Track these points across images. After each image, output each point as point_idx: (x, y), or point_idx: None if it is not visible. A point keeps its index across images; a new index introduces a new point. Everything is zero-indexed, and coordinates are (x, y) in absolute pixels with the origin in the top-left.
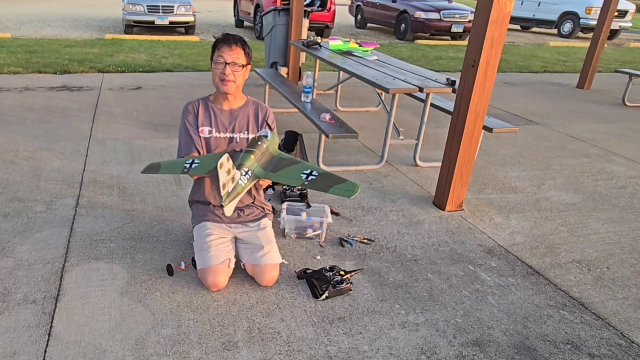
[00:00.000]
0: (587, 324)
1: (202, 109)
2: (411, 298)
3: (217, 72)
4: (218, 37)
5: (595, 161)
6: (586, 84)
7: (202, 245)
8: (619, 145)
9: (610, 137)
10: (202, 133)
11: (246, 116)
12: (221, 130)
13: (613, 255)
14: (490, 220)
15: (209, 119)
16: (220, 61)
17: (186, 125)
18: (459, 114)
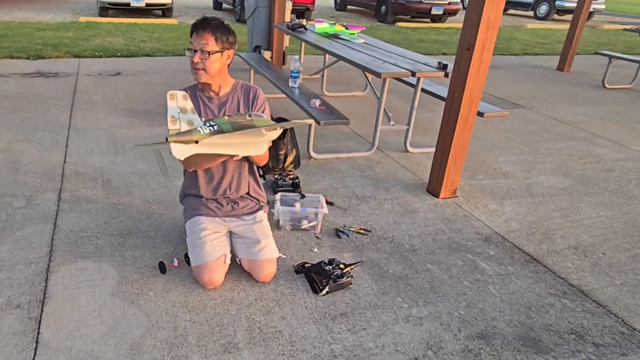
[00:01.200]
0: (589, 312)
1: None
2: (412, 290)
3: (190, 58)
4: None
5: (581, 144)
6: (566, 66)
7: (196, 241)
8: (603, 128)
9: (593, 120)
10: None
11: (235, 100)
12: (211, 118)
13: (607, 240)
14: (485, 207)
15: (197, 108)
16: (190, 48)
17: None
18: (454, 99)
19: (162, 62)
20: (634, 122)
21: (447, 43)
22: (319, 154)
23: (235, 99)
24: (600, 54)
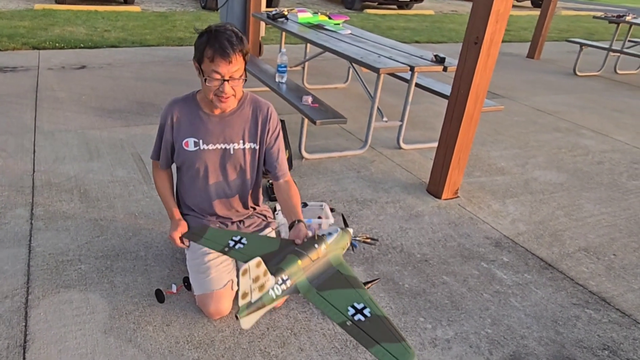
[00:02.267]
0: (616, 322)
1: (185, 115)
2: (433, 308)
3: (212, 88)
4: (203, 35)
5: (567, 136)
6: (536, 53)
7: (199, 266)
8: (583, 117)
9: (573, 110)
10: (187, 146)
11: (242, 120)
12: (210, 142)
13: (614, 239)
14: (489, 208)
15: (195, 128)
16: (217, 78)
17: (160, 135)
18: (459, 95)
19: (129, 53)
20: (611, 111)
21: (417, 30)
22: (311, 154)
23: (242, 119)
24: (571, 41)
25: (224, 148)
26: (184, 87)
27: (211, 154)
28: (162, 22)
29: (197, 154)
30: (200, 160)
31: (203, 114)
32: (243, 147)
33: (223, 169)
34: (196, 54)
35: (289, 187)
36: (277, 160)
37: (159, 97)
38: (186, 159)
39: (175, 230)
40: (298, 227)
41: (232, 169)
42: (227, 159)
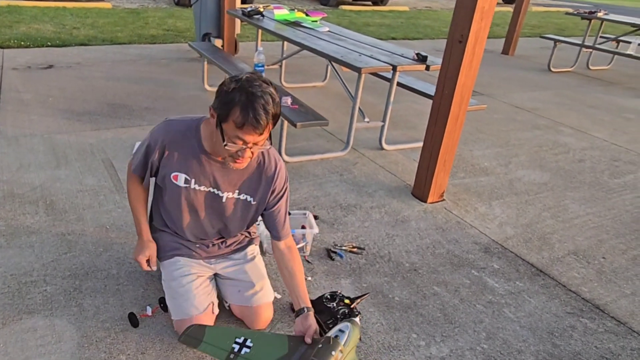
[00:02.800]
0: (612, 332)
1: (182, 150)
2: (426, 322)
3: (231, 150)
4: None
5: (547, 133)
6: (511, 49)
7: (177, 290)
8: (561, 114)
9: (550, 106)
10: (176, 180)
11: (244, 171)
12: (203, 183)
13: (602, 242)
14: (475, 211)
15: (189, 165)
16: (239, 144)
17: (146, 154)
18: (443, 96)
19: (100, 52)
20: (587, 108)
21: (393, 27)
22: (292, 157)
23: (245, 173)
24: (545, 37)
25: (215, 193)
26: (158, 88)
27: (200, 194)
28: (134, 19)
29: (186, 190)
30: (187, 196)
31: (204, 158)
32: (237, 197)
33: (209, 210)
34: (220, 108)
35: (292, 257)
36: (279, 222)
37: (131, 98)
38: (171, 190)
39: (142, 252)
40: (307, 319)
41: (219, 214)
42: (215, 204)
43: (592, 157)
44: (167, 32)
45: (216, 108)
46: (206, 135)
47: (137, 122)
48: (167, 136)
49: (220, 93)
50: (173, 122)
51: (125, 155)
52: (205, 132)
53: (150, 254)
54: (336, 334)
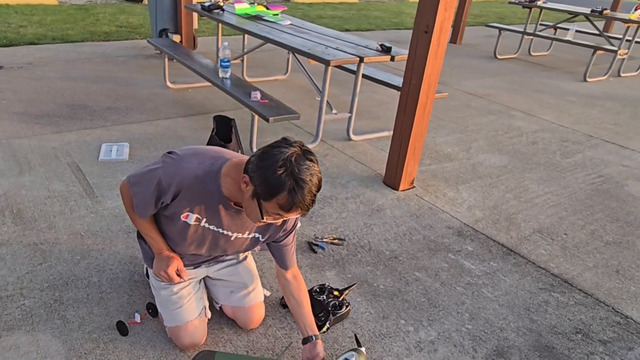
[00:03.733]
0: (582, 304)
1: (199, 196)
2: (411, 307)
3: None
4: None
5: (500, 118)
6: (458, 38)
7: (169, 297)
8: (511, 99)
9: (500, 92)
10: (186, 218)
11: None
12: (214, 224)
13: (562, 219)
14: (444, 196)
15: (203, 209)
16: (277, 217)
17: (152, 191)
18: (411, 85)
19: (51, 50)
20: (533, 92)
21: (345, 19)
22: None
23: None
24: (490, 26)
25: (225, 233)
26: (118, 87)
27: (208, 231)
28: (83, 15)
29: (195, 227)
30: (195, 233)
31: (221, 207)
32: (246, 237)
33: (214, 246)
34: (264, 188)
35: (298, 286)
36: (286, 253)
37: (91, 99)
38: (178, 225)
39: (170, 265)
40: (316, 347)
41: (223, 247)
42: (222, 240)
43: (543, 139)
44: (120, 29)
45: (257, 184)
46: (228, 183)
47: (100, 123)
48: (184, 181)
49: (263, 169)
50: (189, 163)
51: (92, 158)
52: (227, 180)
53: (179, 265)
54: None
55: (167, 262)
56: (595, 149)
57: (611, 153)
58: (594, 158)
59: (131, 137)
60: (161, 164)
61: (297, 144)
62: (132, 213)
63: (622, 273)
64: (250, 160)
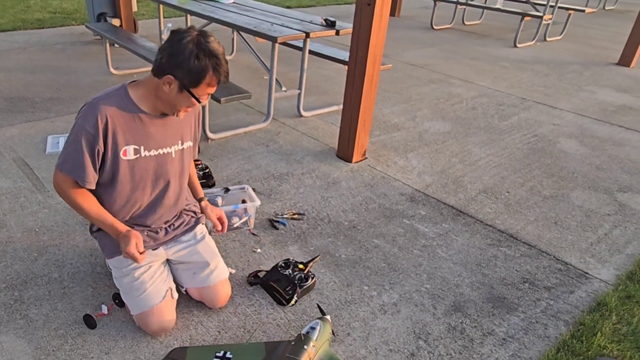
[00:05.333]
0: (526, 255)
1: (122, 119)
2: (373, 273)
3: (189, 103)
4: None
5: (441, 86)
6: (397, 11)
7: (131, 284)
8: (449, 67)
9: (439, 61)
10: (126, 155)
11: (180, 121)
12: (152, 147)
13: (504, 178)
14: (395, 165)
15: (135, 133)
16: (205, 99)
17: (82, 149)
18: (357, 57)
19: None
20: (469, 60)
21: None
22: (216, 134)
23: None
24: None
25: (165, 152)
26: (58, 76)
27: (152, 160)
28: (13, 2)
29: (137, 162)
30: (140, 168)
31: (144, 117)
32: (182, 148)
33: (164, 174)
34: (190, 76)
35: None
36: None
37: (30, 90)
38: (121, 170)
39: (129, 244)
40: (209, 207)
41: (173, 173)
42: (168, 164)
43: (481, 104)
44: (54, 15)
45: (182, 77)
46: (140, 96)
47: (44, 115)
48: (102, 111)
49: (182, 62)
50: (99, 99)
51: (38, 152)
52: (137, 94)
53: (138, 242)
54: (307, 331)
55: (127, 240)
56: (528, 111)
57: (543, 113)
58: (528, 119)
59: None
60: (75, 122)
61: (190, 28)
62: (76, 202)
63: (560, 224)
64: (161, 63)
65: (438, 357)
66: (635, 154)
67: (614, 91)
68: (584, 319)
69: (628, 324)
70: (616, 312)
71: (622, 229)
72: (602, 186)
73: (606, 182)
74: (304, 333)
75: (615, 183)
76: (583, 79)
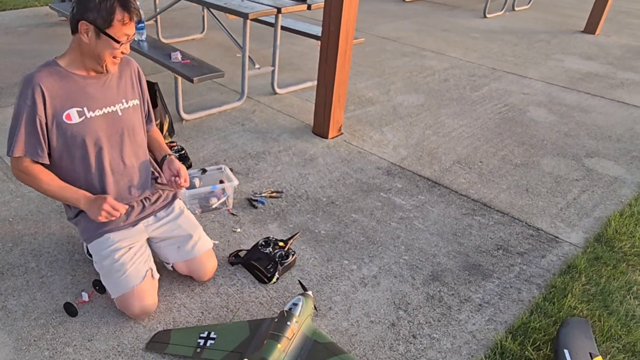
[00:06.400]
0: (500, 223)
1: (57, 85)
2: (353, 248)
3: (113, 51)
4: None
5: (413, 59)
6: None
7: (112, 266)
8: (421, 40)
9: (411, 34)
10: (70, 119)
11: (116, 78)
12: (96, 107)
13: (477, 148)
14: (371, 139)
15: (74, 96)
16: (124, 40)
17: (25, 124)
18: (330, 33)
19: None
20: (440, 31)
21: None
22: (190, 114)
23: (116, 77)
24: None
25: (111, 111)
26: (24, 60)
27: (100, 121)
28: None
29: (85, 125)
30: (90, 131)
31: (78, 78)
32: (128, 106)
33: (117, 136)
34: (100, 17)
35: (155, 131)
36: (150, 114)
37: None
38: (70, 137)
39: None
40: (173, 163)
41: (126, 134)
42: (117, 124)
43: (453, 75)
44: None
45: (94, 19)
46: (69, 61)
47: (11, 101)
48: (35, 81)
49: (90, 4)
50: (29, 73)
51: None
52: (65, 60)
53: (109, 201)
54: (290, 307)
55: (98, 202)
56: (499, 81)
57: (513, 83)
58: (499, 89)
59: None
60: (15, 104)
61: None
62: (36, 180)
63: (531, 191)
64: (74, 14)
65: (417, 325)
66: (601, 119)
67: (580, 59)
68: (555, 281)
69: (596, 284)
70: (585, 274)
71: (589, 193)
72: (570, 152)
73: (574, 148)
74: (287, 310)
75: (583, 149)
76: (551, 48)
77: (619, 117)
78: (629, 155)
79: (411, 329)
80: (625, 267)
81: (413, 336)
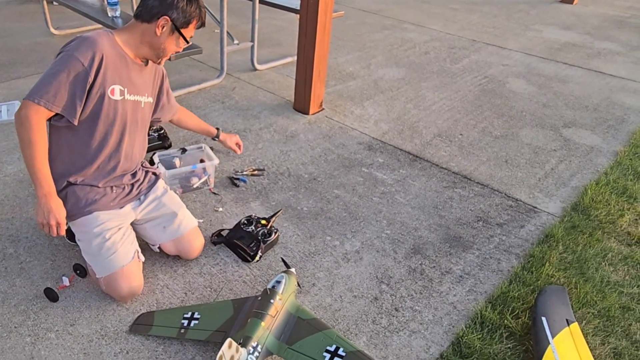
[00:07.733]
0: (480, 195)
1: (113, 59)
2: (335, 224)
3: (176, 49)
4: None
5: (394, 32)
6: None
7: (102, 244)
8: (401, 12)
9: (391, 6)
10: (113, 94)
11: (150, 73)
12: (132, 92)
13: (457, 121)
14: (352, 114)
15: (121, 74)
16: (190, 42)
17: (71, 80)
18: (309, 6)
19: None
20: (421, 3)
21: None
22: None
23: (151, 72)
24: None
25: (138, 100)
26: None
27: (130, 105)
28: None
29: (121, 104)
30: (122, 112)
31: (130, 61)
32: (148, 100)
33: (135, 125)
34: (184, 18)
35: (187, 112)
36: (170, 100)
37: None
38: (105, 111)
39: (51, 214)
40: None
41: (140, 125)
42: (137, 114)
43: (434, 48)
44: None
45: (176, 17)
46: (124, 41)
47: None
48: (102, 47)
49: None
50: (92, 35)
51: None
52: (122, 38)
53: (59, 216)
54: (273, 285)
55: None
56: (479, 53)
57: (492, 55)
58: (479, 61)
59: (20, 93)
60: (63, 53)
61: None
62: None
63: (510, 162)
64: (153, 6)
65: (400, 298)
66: (578, 90)
67: (558, 29)
68: (534, 251)
69: (573, 252)
70: (562, 242)
71: (567, 163)
72: (549, 123)
73: (552, 119)
74: (270, 287)
75: (561, 119)
76: (530, 18)
77: (595, 86)
78: (605, 124)
79: (393, 302)
80: (600, 234)
81: (395, 309)
